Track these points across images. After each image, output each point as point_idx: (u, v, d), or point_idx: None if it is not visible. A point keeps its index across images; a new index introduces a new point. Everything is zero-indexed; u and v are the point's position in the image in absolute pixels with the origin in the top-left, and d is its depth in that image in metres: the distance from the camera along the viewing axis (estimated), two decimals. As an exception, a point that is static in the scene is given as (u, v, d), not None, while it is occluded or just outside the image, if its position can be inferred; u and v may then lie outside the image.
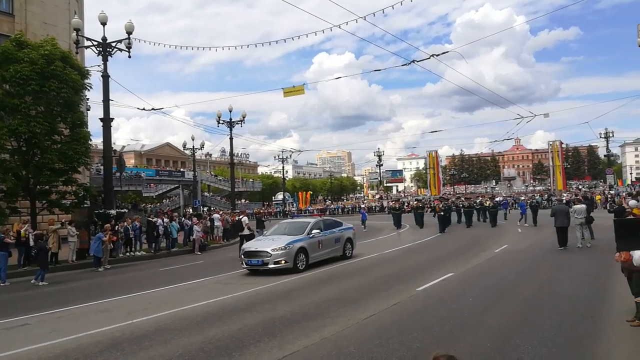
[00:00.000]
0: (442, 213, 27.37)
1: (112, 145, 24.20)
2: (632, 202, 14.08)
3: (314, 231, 14.95)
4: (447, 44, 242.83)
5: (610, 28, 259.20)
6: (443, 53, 20.00)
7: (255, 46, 43.74)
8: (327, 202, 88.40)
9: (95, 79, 20.94)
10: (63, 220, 19.45)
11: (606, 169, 71.06)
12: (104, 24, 19.88)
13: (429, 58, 19.67)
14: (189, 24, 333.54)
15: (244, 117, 32.87)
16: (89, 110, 26.13)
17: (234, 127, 32.36)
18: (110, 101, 20.50)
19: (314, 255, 14.66)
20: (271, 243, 14.08)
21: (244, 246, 15.15)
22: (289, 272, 13.43)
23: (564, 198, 37.38)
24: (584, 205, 17.65)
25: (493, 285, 11.03)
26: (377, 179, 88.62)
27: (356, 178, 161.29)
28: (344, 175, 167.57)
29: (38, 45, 18.10)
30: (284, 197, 76.21)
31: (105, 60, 20.08)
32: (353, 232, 17.34)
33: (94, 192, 22.25)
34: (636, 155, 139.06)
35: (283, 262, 13.53)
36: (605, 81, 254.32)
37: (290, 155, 67.44)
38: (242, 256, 14.27)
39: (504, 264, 14.35)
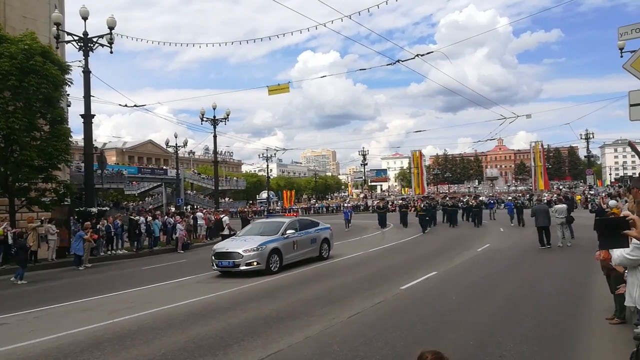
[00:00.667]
0: (423, 212, 27.05)
1: (93, 142, 23.87)
2: (612, 202, 14.36)
3: (288, 231, 14.48)
4: (431, 44, 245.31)
5: (591, 31, 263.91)
6: (428, 53, 20.17)
7: (240, 43, 43.53)
8: (311, 201, 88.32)
9: (76, 74, 20.60)
10: (43, 218, 19.11)
11: (586, 170, 72.24)
12: (85, 18, 19.56)
13: (414, 58, 19.81)
14: (173, 19, 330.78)
15: (228, 115, 32.66)
16: (69, 106, 25.66)
17: (217, 124, 32.16)
18: (91, 97, 20.20)
19: (288, 257, 14.22)
20: (243, 244, 13.61)
21: (214, 247, 14.58)
22: (262, 274, 13.00)
23: (544, 198, 37.82)
24: (564, 205, 17.95)
25: (475, 284, 11.14)
26: (362, 178, 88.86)
27: (341, 177, 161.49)
28: (329, 174, 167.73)
29: (17, 39, 17.72)
30: (269, 195, 75.96)
31: (86, 56, 19.77)
32: (330, 233, 16.88)
33: (75, 190, 21.88)
34: (615, 157, 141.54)
35: (255, 263, 13.07)
36: (586, 83, 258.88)
37: (275, 154, 67.22)
38: (213, 257, 13.72)
39: (486, 263, 14.50)
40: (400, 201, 38.56)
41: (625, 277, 5.93)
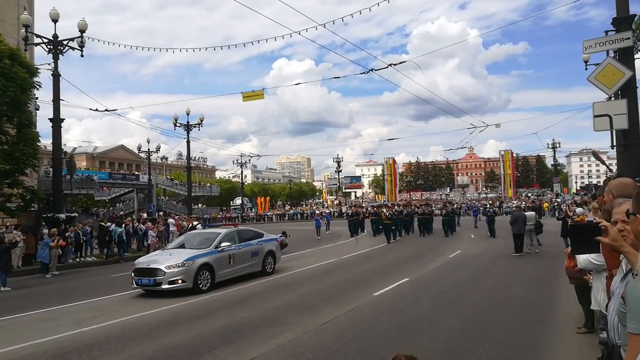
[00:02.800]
0: (388, 222, 25.37)
1: (63, 147, 23.33)
2: (579, 210, 14.75)
3: (223, 244, 12.94)
4: (404, 54, 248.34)
5: (557, 44, 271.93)
6: (400, 63, 20.37)
7: (214, 49, 43.39)
8: (286, 208, 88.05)
9: (45, 77, 20.16)
10: (8, 224, 18.54)
11: (553, 178, 74.10)
12: (55, 21, 19.20)
13: (387, 67, 19.99)
14: (147, 24, 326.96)
15: (201, 121, 32.39)
16: (38, 109, 25.00)
17: (191, 130, 31.88)
18: (60, 101, 19.80)
19: (222, 273, 12.64)
20: (168, 258, 11.99)
21: (136, 261, 12.91)
22: (189, 293, 11.43)
23: (518, 204, 38.34)
24: (533, 213, 18.42)
25: (447, 290, 11.29)
26: (336, 184, 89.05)
27: (315, 183, 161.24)
28: (303, 180, 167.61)
29: (-16, 41, 17.21)
30: (243, 202, 75.43)
31: (55, 59, 19.38)
32: (276, 245, 15.55)
33: (42, 196, 21.31)
34: (581, 165, 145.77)
35: (180, 281, 11.46)
36: (553, 94, 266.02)
37: (249, 160, 66.72)
38: (132, 274, 12.05)
39: (458, 269, 14.70)
40: (371, 208, 37.16)
41: (590, 283, 6.11)
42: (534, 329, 7.56)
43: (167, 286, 11.43)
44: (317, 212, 49.28)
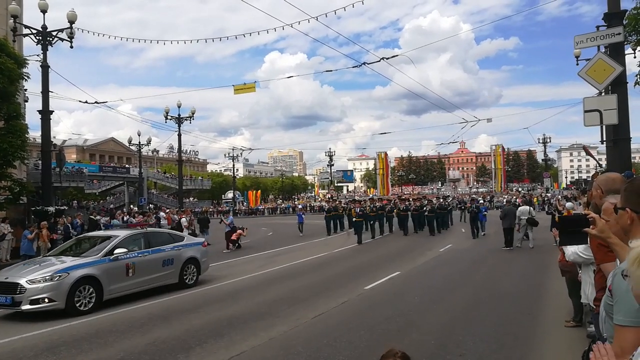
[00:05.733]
0: (359, 219, 22.27)
1: (52, 139, 23.12)
2: (569, 204, 14.92)
3: (118, 250, 10.25)
4: (396, 48, 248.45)
5: (549, 39, 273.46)
6: (393, 57, 20.36)
7: (206, 41, 42.71)
8: (278, 202, 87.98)
9: (34, 69, 19.89)
10: (-4, 218, 18.35)
11: (544, 173, 74.58)
12: (44, 11, 18.92)
13: (379, 61, 19.95)
14: (139, 16, 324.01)
15: (193, 114, 32.18)
16: (26, 101, 24.67)
17: (182, 123, 31.68)
18: (50, 93, 19.55)
19: (115, 287, 10.01)
20: (34, 270, 9.41)
21: None
22: (63, 315, 8.89)
23: (509, 199, 38.41)
24: (527, 207, 18.58)
25: (438, 284, 11.35)
26: (328, 178, 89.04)
27: (307, 177, 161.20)
28: (296, 174, 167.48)
29: (-29, 31, 16.94)
30: (234, 195, 75.25)
31: (44, 50, 19.10)
32: (201, 250, 12.70)
33: (31, 188, 21.09)
34: (571, 160, 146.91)
35: (46, 300, 8.87)
36: (544, 89, 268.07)
37: (241, 154, 66.56)
38: None
39: (448, 263, 14.77)
40: (345, 204, 31.53)
41: (579, 278, 6.17)
42: (523, 322, 7.62)
43: (28, 307, 8.85)
44: (299, 207, 46.31)
